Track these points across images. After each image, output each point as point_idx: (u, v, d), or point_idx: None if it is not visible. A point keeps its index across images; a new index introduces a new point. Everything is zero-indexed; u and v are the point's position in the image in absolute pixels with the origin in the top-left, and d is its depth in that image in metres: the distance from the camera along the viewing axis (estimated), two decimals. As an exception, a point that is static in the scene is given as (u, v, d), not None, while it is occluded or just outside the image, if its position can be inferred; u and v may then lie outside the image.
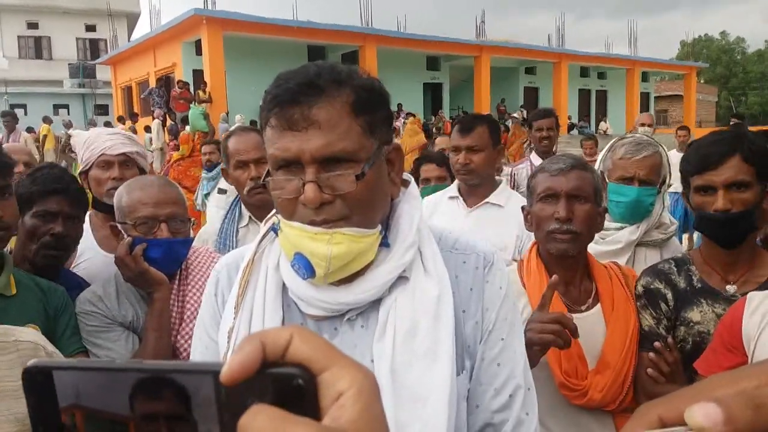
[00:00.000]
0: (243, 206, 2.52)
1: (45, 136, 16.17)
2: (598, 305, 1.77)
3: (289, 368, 0.38)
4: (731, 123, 10.16)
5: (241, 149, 2.42)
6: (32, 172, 2.07)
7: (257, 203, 2.42)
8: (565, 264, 1.77)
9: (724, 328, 1.53)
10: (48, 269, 1.99)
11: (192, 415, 0.38)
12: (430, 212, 2.81)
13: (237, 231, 2.46)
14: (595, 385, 1.66)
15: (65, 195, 2.00)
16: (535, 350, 1.49)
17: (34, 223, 1.97)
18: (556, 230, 1.73)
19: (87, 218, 2.30)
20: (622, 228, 2.22)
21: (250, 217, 2.48)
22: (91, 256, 2.25)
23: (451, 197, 2.87)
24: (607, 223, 2.13)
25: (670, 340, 1.74)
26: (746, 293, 1.55)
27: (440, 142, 5.58)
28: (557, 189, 1.75)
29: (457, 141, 2.76)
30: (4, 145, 2.62)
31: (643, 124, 6.17)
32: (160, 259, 1.81)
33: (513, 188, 3.78)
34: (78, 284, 2.05)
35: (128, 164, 2.42)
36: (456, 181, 2.90)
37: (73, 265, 2.29)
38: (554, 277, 1.59)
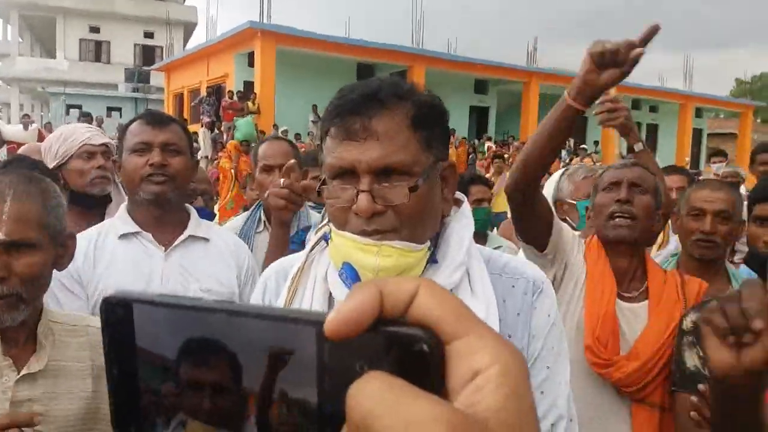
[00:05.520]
0: (262, 211, 2.53)
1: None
2: (646, 302, 1.79)
3: (412, 328, 0.29)
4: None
5: (269, 154, 2.47)
6: (2, 165, 2.06)
7: None
8: (622, 251, 1.82)
9: None
10: None
11: (281, 380, 0.32)
12: None
13: (254, 235, 2.48)
14: (620, 367, 1.69)
15: None
16: None
17: None
18: (616, 211, 1.81)
19: None
20: None
21: (265, 223, 2.49)
22: None
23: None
24: None
25: None
26: None
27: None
28: (620, 177, 1.86)
29: None
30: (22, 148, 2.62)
31: None
32: None
33: None
34: None
35: (107, 155, 2.45)
36: None
37: None
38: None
